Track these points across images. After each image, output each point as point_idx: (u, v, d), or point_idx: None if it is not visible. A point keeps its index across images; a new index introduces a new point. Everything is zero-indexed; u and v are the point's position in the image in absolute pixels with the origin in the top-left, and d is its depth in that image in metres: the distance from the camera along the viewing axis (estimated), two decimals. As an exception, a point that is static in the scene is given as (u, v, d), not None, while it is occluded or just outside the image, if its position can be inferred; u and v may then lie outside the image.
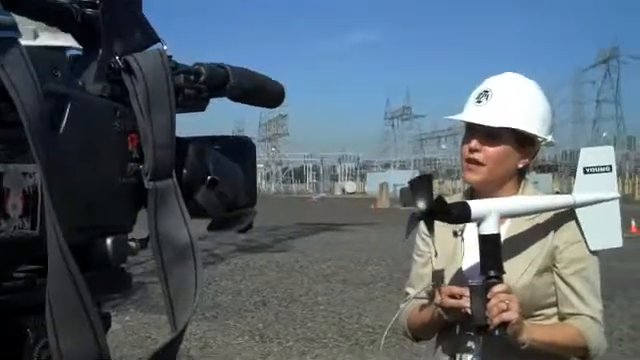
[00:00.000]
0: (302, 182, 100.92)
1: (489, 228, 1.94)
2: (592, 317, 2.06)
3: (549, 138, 2.13)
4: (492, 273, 1.91)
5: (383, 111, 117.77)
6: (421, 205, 1.90)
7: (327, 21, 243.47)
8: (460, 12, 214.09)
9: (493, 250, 1.94)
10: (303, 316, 8.67)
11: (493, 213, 1.94)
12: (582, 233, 2.08)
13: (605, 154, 2.17)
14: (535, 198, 2.13)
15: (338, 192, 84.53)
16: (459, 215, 1.93)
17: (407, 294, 2.30)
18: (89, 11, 0.90)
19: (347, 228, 22.50)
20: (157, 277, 0.90)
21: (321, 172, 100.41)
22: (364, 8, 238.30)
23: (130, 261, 1.00)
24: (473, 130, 2.10)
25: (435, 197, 1.92)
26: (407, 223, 1.95)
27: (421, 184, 1.96)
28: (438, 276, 2.12)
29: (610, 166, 2.14)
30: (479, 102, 2.09)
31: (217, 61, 1.02)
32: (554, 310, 2.09)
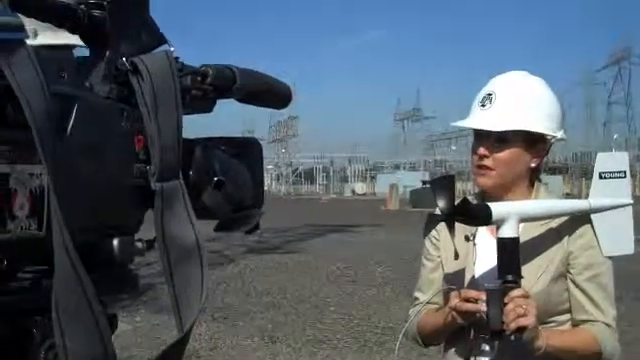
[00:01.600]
0: (312, 183, 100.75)
1: (508, 232, 1.91)
2: (607, 324, 2.04)
3: (559, 134, 2.10)
4: (510, 277, 1.89)
5: (393, 112, 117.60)
6: (443, 205, 1.88)
7: (337, 21, 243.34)
8: (471, 13, 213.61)
9: (511, 254, 1.92)
10: (313, 317, 8.66)
11: (513, 216, 1.92)
12: (597, 239, 2.06)
13: (620, 159, 2.15)
14: (553, 202, 2.11)
15: (348, 193, 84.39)
16: (480, 217, 1.91)
17: (416, 299, 2.27)
18: (96, 12, 0.91)
19: (357, 229, 22.45)
20: (163, 278, 0.90)
21: (331, 173, 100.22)
22: (374, 10, 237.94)
23: (140, 262, 1.00)
24: (480, 136, 2.08)
25: (461, 198, 1.90)
26: (425, 222, 1.93)
27: (443, 184, 1.93)
28: (451, 280, 2.10)
29: (625, 172, 2.12)
30: (483, 106, 2.08)
31: (224, 60, 1.03)
32: (567, 317, 2.07)
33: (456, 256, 1.96)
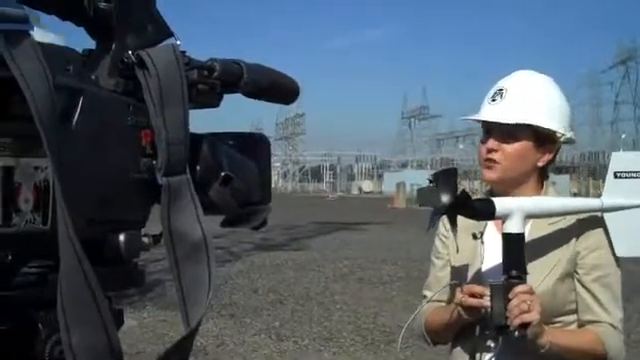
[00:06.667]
0: (319, 181, 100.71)
1: (513, 227, 1.91)
2: (612, 325, 2.02)
3: (569, 134, 2.09)
4: (514, 273, 1.88)
5: (400, 111, 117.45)
6: (445, 199, 1.86)
7: (344, 18, 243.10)
8: (477, 11, 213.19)
9: (516, 249, 1.91)
10: (319, 315, 8.67)
11: (518, 212, 1.91)
12: (609, 239, 2.05)
13: (637, 159, 2.12)
14: (562, 200, 2.09)
15: (355, 191, 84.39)
16: (482, 211, 1.90)
17: (425, 297, 2.26)
18: (102, 5, 0.90)
19: (364, 227, 22.45)
20: (170, 274, 0.89)
21: (338, 171, 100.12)
22: (381, 6, 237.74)
23: (147, 258, 0.99)
24: (490, 130, 2.08)
25: (459, 191, 1.89)
26: (430, 216, 1.93)
27: (445, 177, 1.92)
28: (459, 277, 2.10)
29: None
30: (494, 101, 2.07)
31: (233, 57, 1.01)
32: (574, 317, 2.05)
33: (457, 250, 1.98)
